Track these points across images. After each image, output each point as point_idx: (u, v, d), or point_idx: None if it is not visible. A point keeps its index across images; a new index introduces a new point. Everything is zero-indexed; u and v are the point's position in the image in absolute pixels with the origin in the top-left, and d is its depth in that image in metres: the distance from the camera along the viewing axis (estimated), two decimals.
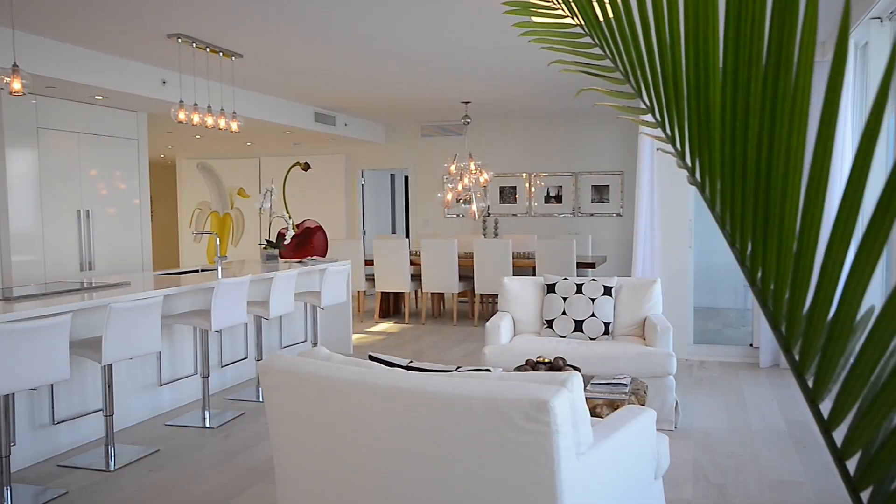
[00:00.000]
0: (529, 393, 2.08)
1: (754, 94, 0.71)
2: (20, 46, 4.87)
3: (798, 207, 0.70)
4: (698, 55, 0.79)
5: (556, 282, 5.22)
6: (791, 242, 0.70)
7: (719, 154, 0.77)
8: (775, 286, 0.73)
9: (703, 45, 0.78)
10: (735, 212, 0.76)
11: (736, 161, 0.75)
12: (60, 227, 6.40)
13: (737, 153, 0.75)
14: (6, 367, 3.07)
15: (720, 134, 0.77)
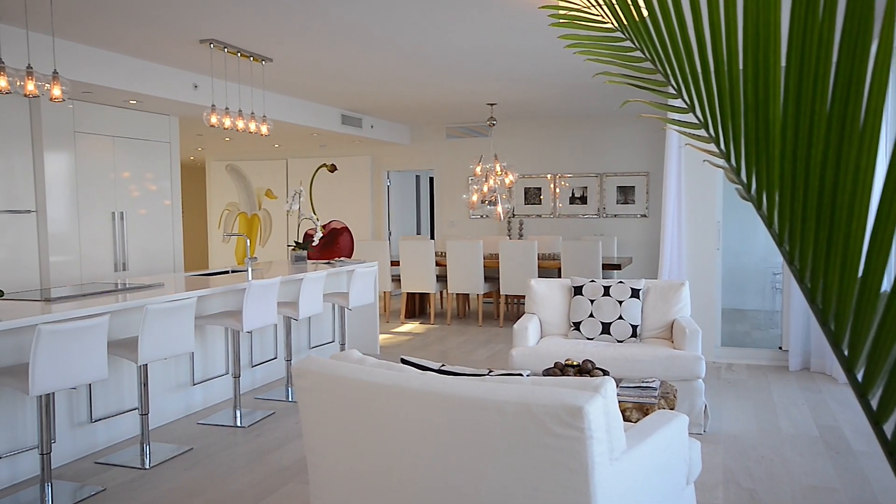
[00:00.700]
0: (563, 399, 2.10)
1: (820, 113, 0.72)
2: (59, 53, 4.99)
3: (865, 230, 0.70)
4: (758, 71, 0.79)
5: (583, 284, 5.22)
6: (857, 265, 0.71)
7: (778, 171, 0.78)
8: (837, 306, 0.74)
9: (764, 61, 0.79)
10: (795, 230, 0.77)
11: (797, 179, 0.76)
12: (95, 229, 6.53)
13: (798, 171, 0.75)
14: (48, 366, 3.16)
15: (780, 151, 0.78)
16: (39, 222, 6.05)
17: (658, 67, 1.07)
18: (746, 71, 0.81)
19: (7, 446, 3.63)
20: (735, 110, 0.86)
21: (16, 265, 5.89)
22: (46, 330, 3.14)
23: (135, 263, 6.98)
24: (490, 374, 2.63)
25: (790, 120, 0.76)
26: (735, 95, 0.85)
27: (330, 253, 9.24)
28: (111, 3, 4.32)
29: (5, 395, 3.63)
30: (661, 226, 9.41)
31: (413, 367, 2.71)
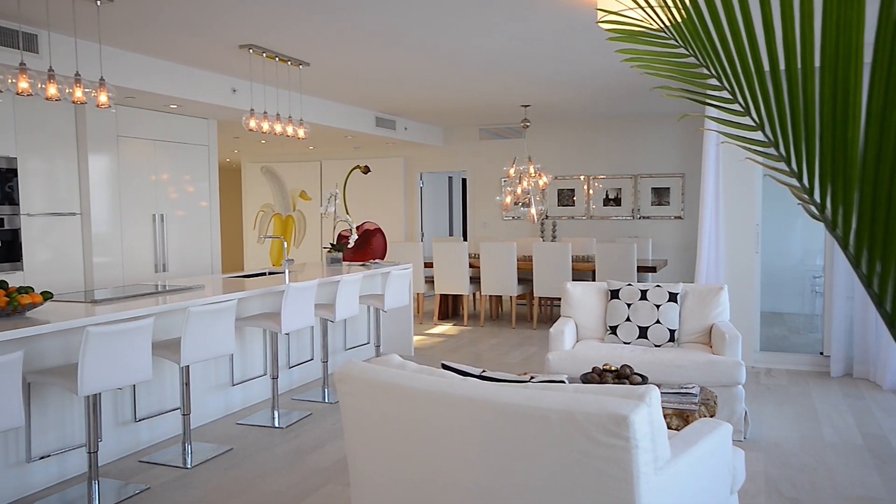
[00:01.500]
0: (608, 407, 2.09)
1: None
2: (103, 60, 5.10)
3: None
4: (836, 91, 0.78)
5: (619, 287, 5.18)
6: None
7: (858, 194, 0.77)
8: None
9: (844, 80, 0.77)
10: (874, 255, 0.75)
11: (878, 203, 0.74)
12: (137, 231, 6.67)
13: (880, 195, 0.74)
14: (96, 367, 3.23)
15: (860, 173, 0.76)
16: (84, 224, 6.20)
17: (725, 85, 1.06)
18: (824, 90, 0.80)
19: (56, 444, 3.72)
20: (810, 130, 0.84)
21: (61, 266, 6.04)
22: (94, 332, 3.21)
23: (174, 265, 7.11)
24: (532, 380, 2.63)
25: (872, 141, 0.75)
26: (810, 115, 0.84)
27: (363, 254, 9.29)
28: (155, 12, 4.41)
29: (54, 395, 3.72)
30: (697, 228, 9.30)
31: (454, 372, 2.72)
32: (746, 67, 1.03)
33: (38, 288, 5.77)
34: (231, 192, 13.71)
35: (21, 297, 3.48)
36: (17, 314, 3.53)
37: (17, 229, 5.69)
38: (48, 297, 3.66)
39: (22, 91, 3.67)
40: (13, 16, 4.36)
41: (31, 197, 5.79)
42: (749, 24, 0.98)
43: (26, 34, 4.55)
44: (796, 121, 0.87)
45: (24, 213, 5.73)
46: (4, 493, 3.48)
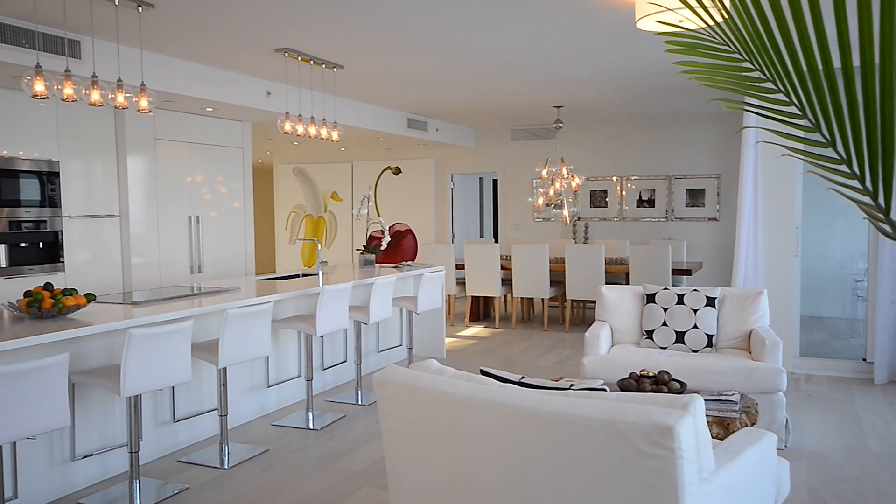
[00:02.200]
0: (652, 417, 2.06)
1: None
2: (143, 64, 5.18)
3: None
4: None
5: (655, 291, 5.11)
6: None
7: None
8: None
9: None
10: None
11: None
12: (173, 232, 6.77)
13: None
14: (138, 369, 3.28)
15: None
16: (122, 226, 6.31)
17: (793, 100, 1.03)
18: (885, 85, 0.77)
19: (98, 444, 3.79)
20: (887, 150, 0.81)
21: (100, 267, 6.16)
22: (137, 334, 3.26)
23: (209, 266, 7.20)
24: (572, 387, 2.61)
25: None
26: (888, 135, 0.81)
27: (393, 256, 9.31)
28: (195, 17, 4.47)
29: (97, 395, 3.79)
30: (734, 230, 9.15)
31: (493, 378, 2.71)
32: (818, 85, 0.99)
33: (77, 288, 5.89)
34: (263, 193, 13.85)
35: (66, 298, 3.54)
36: (61, 316, 3.60)
37: (58, 231, 5.81)
38: (91, 299, 3.73)
39: (67, 97, 3.74)
40: (58, 23, 4.45)
41: (71, 199, 5.91)
42: (823, 44, 0.94)
43: (70, 41, 4.64)
44: (872, 140, 0.84)
45: (65, 215, 5.85)
46: (51, 490, 3.55)
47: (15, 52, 4.35)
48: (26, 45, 4.39)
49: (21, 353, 3.29)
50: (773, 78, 1.08)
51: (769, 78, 1.08)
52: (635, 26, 4.49)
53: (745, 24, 1.08)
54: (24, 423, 2.76)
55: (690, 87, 7.29)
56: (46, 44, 4.48)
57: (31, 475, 3.45)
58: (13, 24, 4.33)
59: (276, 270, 12.55)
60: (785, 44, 1.00)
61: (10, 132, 5.41)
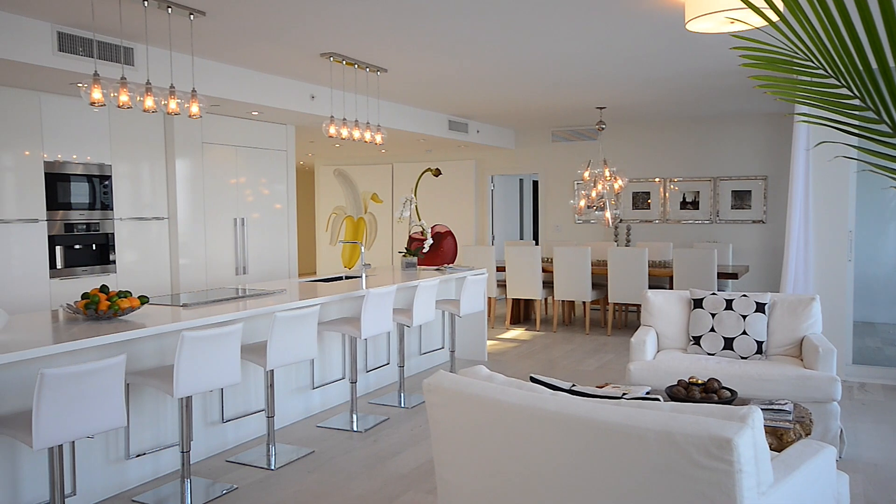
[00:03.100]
0: (710, 429, 2.02)
1: None
2: (191, 70, 5.28)
3: None
4: None
5: (703, 297, 5.02)
6: None
7: None
8: None
9: None
10: None
11: None
12: (219, 234, 6.89)
13: None
14: (190, 371, 3.34)
15: None
16: (171, 228, 6.45)
17: (884, 119, 0.99)
18: None
19: (151, 443, 3.88)
20: None
21: (149, 268, 6.30)
22: (189, 336, 3.32)
23: (253, 267, 7.31)
24: (624, 396, 2.57)
25: None
26: None
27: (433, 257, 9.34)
28: (243, 24, 4.54)
29: (149, 395, 3.88)
30: (781, 233, 8.95)
31: (543, 385, 2.69)
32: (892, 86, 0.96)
33: (127, 289, 6.03)
34: (304, 195, 14.02)
35: (121, 301, 3.63)
36: (116, 317, 3.69)
37: (110, 233, 5.96)
38: (145, 301, 3.81)
39: (122, 104, 3.83)
40: (114, 31, 4.56)
41: (122, 202, 6.06)
42: None
43: (125, 48, 4.75)
44: None
45: (116, 217, 6.00)
46: (106, 487, 3.64)
47: (72, 59, 4.47)
48: (82, 52, 4.52)
49: (78, 353, 3.38)
50: (862, 95, 1.05)
51: (857, 95, 1.04)
52: (685, 27, 4.42)
53: (833, 42, 1.05)
54: (84, 423, 2.83)
55: (739, 87, 7.15)
56: (102, 51, 4.60)
57: (88, 472, 3.55)
58: (71, 32, 4.45)
59: (316, 271, 12.69)
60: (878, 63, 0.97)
61: (64, 137, 5.57)
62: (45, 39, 4.33)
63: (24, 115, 5.29)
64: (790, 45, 1.23)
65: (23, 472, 3.26)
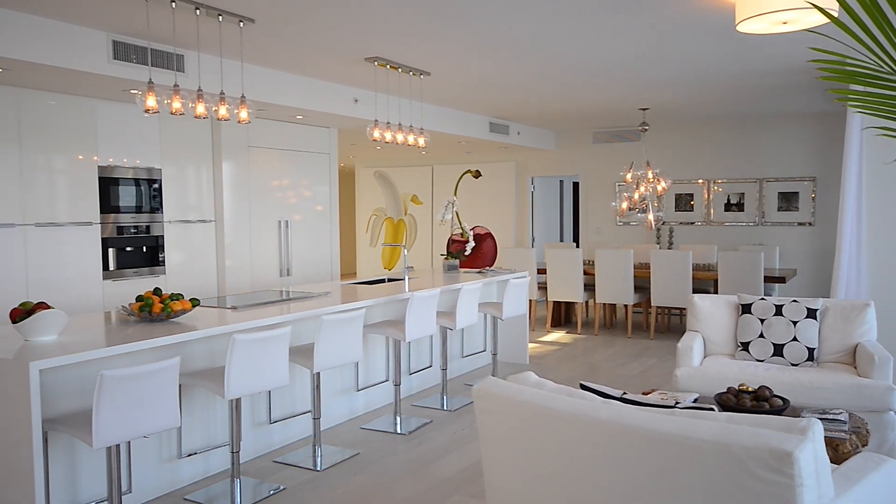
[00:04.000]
0: (769, 442, 1.99)
1: None
2: (236, 75, 5.38)
3: None
4: None
5: (751, 302, 4.93)
6: None
7: None
8: None
9: None
10: None
11: None
12: (264, 236, 7.00)
13: None
14: (240, 372, 3.40)
15: None
16: (217, 230, 6.57)
17: None
18: None
19: (202, 443, 3.96)
20: None
21: (196, 270, 6.43)
22: (240, 339, 3.38)
23: (297, 268, 7.40)
24: (677, 405, 2.54)
25: None
26: None
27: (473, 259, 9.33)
28: (291, 30, 4.60)
29: (200, 396, 3.96)
30: (831, 236, 8.73)
31: (594, 393, 2.67)
32: None
33: (174, 290, 6.17)
34: (345, 196, 14.15)
35: (174, 303, 3.72)
36: (168, 320, 3.78)
37: (159, 235, 6.10)
38: (196, 304, 3.89)
39: (175, 111, 3.92)
40: (167, 39, 4.67)
41: (171, 205, 6.19)
42: None
43: (176, 55, 4.86)
44: None
45: (166, 220, 6.14)
46: (160, 485, 3.73)
47: (126, 67, 4.59)
48: (136, 60, 4.63)
49: (132, 355, 3.47)
50: None
51: None
52: (735, 29, 4.35)
53: None
54: (141, 423, 2.91)
55: (788, 86, 7.00)
56: (154, 59, 4.71)
57: (142, 471, 3.64)
58: (124, 41, 4.57)
59: (357, 271, 12.80)
60: None
61: (117, 142, 5.72)
62: (101, 48, 4.46)
63: (80, 121, 5.44)
64: (875, 59, 1.20)
65: (81, 469, 3.35)
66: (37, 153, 5.17)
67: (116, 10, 4.07)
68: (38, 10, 4.04)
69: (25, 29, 4.11)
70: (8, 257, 5.02)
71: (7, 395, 2.88)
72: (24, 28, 4.11)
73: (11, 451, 2.88)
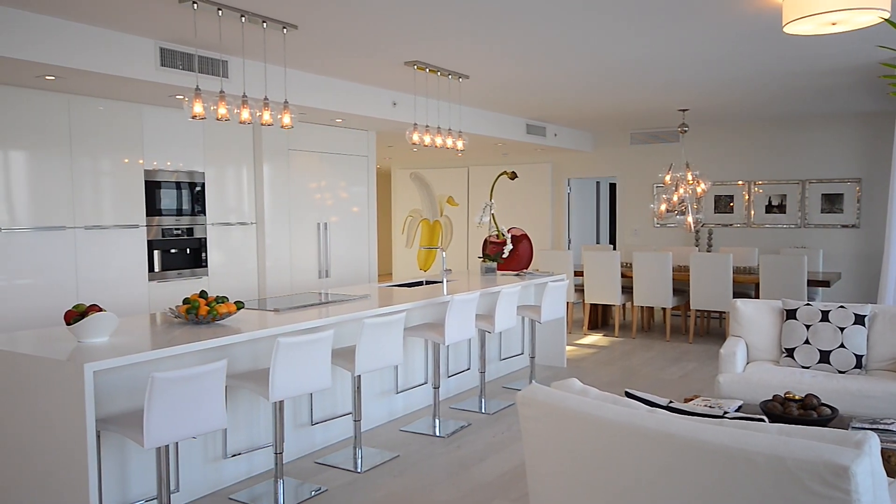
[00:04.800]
0: (824, 455, 1.95)
1: None
2: (279, 80, 5.45)
3: None
4: None
5: (797, 307, 4.84)
6: None
7: None
8: None
9: None
10: None
11: None
12: (303, 238, 7.08)
13: None
14: (284, 375, 3.45)
15: None
16: (258, 233, 6.67)
17: None
18: None
19: (246, 444, 4.02)
20: None
21: (237, 272, 6.53)
22: (284, 342, 3.43)
23: (335, 270, 7.47)
24: (726, 415, 2.51)
25: None
26: None
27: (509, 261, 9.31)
28: (333, 36, 4.65)
29: (244, 398, 4.02)
30: (878, 239, 8.52)
31: (639, 401, 2.65)
32: None
33: (216, 293, 6.27)
34: (380, 198, 14.22)
35: (219, 306, 3.78)
36: (214, 322, 3.85)
37: (202, 238, 6.21)
38: (240, 307, 3.96)
39: (221, 117, 3.99)
40: (212, 46, 4.75)
41: (213, 207, 6.30)
42: None
43: (221, 61, 4.95)
44: None
45: (209, 222, 6.25)
46: (206, 485, 3.81)
47: (173, 73, 4.69)
48: (181, 66, 4.73)
49: (178, 357, 3.54)
50: None
51: None
52: (781, 30, 4.27)
53: None
54: (190, 424, 2.97)
55: (834, 87, 6.84)
56: (200, 65, 4.80)
57: (189, 470, 3.71)
58: (171, 48, 4.67)
59: (392, 272, 12.86)
60: None
61: (162, 146, 5.84)
62: (148, 55, 4.56)
63: (127, 126, 5.57)
64: None
65: (131, 468, 3.44)
66: (86, 157, 5.31)
67: (164, 19, 4.16)
68: (88, 19, 4.15)
69: (76, 38, 4.23)
70: (59, 259, 5.16)
71: (62, 395, 2.97)
72: (76, 37, 4.22)
73: (66, 450, 2.97)
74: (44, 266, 5.08)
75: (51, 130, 5.08)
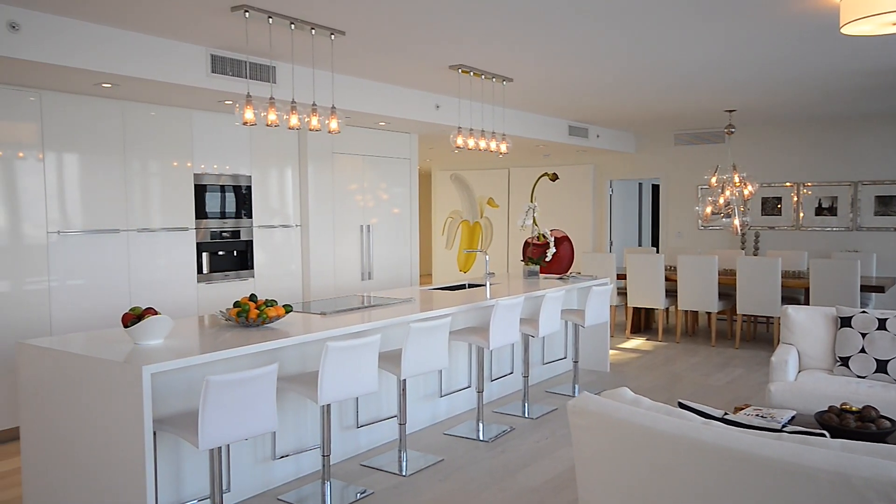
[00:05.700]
0: (892, 474, 1.89)
1: None
2: (326, 84, 5.51)
3: None
4: None
5: (851, 315, 4.71)
6: None
7: None
8: None
9: None
10: None
11: None
12: (346, 241, 7.15)
13: None
14: (332, 379, 3.48)
15: None
16: (303, 235, 6.75)
17: None
18: None
19: (294, 445, 4.08)
20: None
21: (282, 274, 6.63)
22: (333, 346, 3.46)
23: (377, 273, 7.53)
24: (783, 429, 2.46)
25: None
26: None
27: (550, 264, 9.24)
28: (380, 41, 4.68)
29: (293, 400, 4.08)
30: None
31: (692, 412, 2.61)
32: None
33: (261, 295, 6.37)
34: (421, 199, 14.26)
35: (269, 310, 3.84)
36: (263, 325, 3.91)
37: (249, 240, 6.31)
38: (289, 310, 4.01)
39: (271, 123, 4.05)
40: (261, 52, 4.83)
41: (259, 210, 6.40)
42: None
43: (270, 67, 5.03)
44: None
45: (255, 225, 6.35)
46: (255, 485, 3.87)
47: (223, 80, 4.78)
48: (231, 73, 4.81)
49: (231, 360, 3.61)
50: None
51: None
52: (838, 31, 4.16)
53: None
54: (243, 426, 3.02)
55: (890, 86, 6.64)
56: (249, 71, 4.88)
57: (240, 471, 3.78)
58: (222, 55, 4.76)
59: (432, 273, 12.90)
60: None
61: (211, 150, 5.95)
62: (200, 62, 4.65)
63: (178, 130, 5.70)
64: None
65: (185, 468, 3.51)
66: (138, 162, 5.44)
67: (216, 27, 4.24)
68: (142, 28, 4.25)
69: (132, 47, 4.33)
70: (112, 261, 5.30)
71: (119, 396, 3.04)
72: (130, 45, 4.33)
73: (123, 450, 3.04)
74: (97, 268, 5.23)
75: (105, 136, 5.22)
